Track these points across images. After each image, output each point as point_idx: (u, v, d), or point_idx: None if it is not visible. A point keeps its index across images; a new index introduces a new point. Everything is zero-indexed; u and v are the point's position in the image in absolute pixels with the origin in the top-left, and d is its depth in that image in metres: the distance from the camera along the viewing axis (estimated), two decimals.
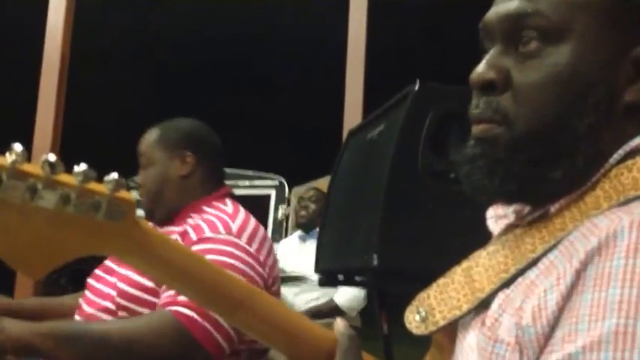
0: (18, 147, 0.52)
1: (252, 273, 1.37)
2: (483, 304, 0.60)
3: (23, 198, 0.53)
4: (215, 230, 1.40)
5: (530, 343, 0.52)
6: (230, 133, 5.92)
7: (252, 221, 1.49)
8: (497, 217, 0.72)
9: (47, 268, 0.57)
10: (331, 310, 3.33)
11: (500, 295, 0.58)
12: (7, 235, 0.54)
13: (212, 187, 1.57)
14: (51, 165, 0.53)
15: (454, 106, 1.38)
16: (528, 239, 0.60)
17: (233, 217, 1.46)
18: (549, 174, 0.61)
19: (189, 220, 1.46)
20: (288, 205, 5.01)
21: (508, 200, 0.68)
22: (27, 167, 0.53)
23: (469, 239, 0.85)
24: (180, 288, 0.69)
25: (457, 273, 0.65)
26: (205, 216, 1.45)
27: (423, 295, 0.66)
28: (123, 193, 0.58)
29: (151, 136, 1.57)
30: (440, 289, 0.65)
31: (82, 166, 0.55)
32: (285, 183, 5.17)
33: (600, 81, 0.60)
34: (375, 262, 1.40)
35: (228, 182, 1.68)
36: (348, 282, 1.89)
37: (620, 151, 0.60)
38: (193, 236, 1.39)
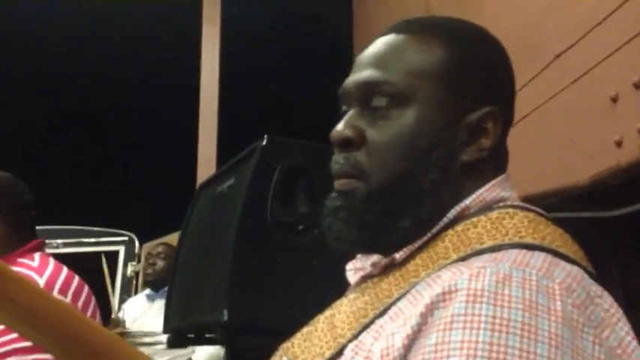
0: None
1: None
2: (343, 350, 0.62)
3: None
4: None
5: None
6: (76, 188, 5.62)
7: (64, 273, 1.40)
8: (356, 269, 0.75)
9: None
10: None
11: (354, 341, 0.61)
12: None
13: (16, 243, 1.46)
14: None
15: (301, 160, 1.42)
16: (385, 286, 0.64)
17: (40, 271, 1.36)
18: (399, 223, 0.67)
19: None
20: (139, 261, 4.80)
21: (365, 249, 0.72)
22: None
23: (318, 289, 0.86)
24: (34, 335, 0.63)
25: (320, 321, 0.67)
26: None
27: (287, 344, 0.67)
28: None
29: None
30: (304, 337, 0.67)
31: None
32: (136, 239, 4.97)
33: (441, 142, 0.67)
34: (225, 317, 1.37)
35: (72, 240, 1.58)
36: (199, 340, 1.84)
37: (453, 211, 0.66)
38: None
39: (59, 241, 4.81)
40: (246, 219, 1.41)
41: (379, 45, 0.72)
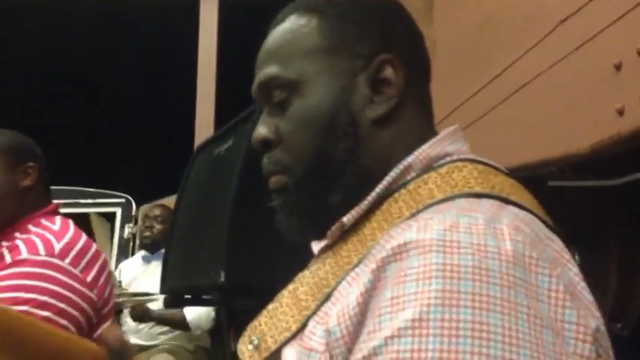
0: None
1: (72, 295, 1.29)
2: (308, 322, 0.62)
3: None
4: (34, 252, 1.30)
5: (337, 344, 0.55)
6: (73, 149, 5.60)
7: (82, 240, 1.40)
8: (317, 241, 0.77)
9: None
10: (178, 322, 3.21)
11: (318, 312, 0.61)
12: None
13: (42, 202, 1.47)
14: None
15: None
16: (344, 253, 0.64)
17: (59, 235, 1.36)
18: (329, 200, 0.69)
19: (16, 241, 1.35)
20: (136, 223, 4.81)
21: (313, 234, 0.72)
22: None
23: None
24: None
25: (285, 296, 0.67)
26: (29, 235, 1.35)
27: (254, 323, 0.67)
28: None
29: None
30: (270, 314, 0.66)
31: None
32: (133, 201, 4.97)
33: (339, 109, 0.68)
34: (222, 279, 1.38)
35: (69, 200, 1.57)
36: (195, 301, 1.85)
37: (396, 169, 0.67)
38: (8, 258, 1.29)
39: (56, 201, 4.80)
40: (244, 182, 1.41)
41: (269, 39, 0.74)
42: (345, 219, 0.67)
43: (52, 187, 1.53)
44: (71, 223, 1.46)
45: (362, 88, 0.69)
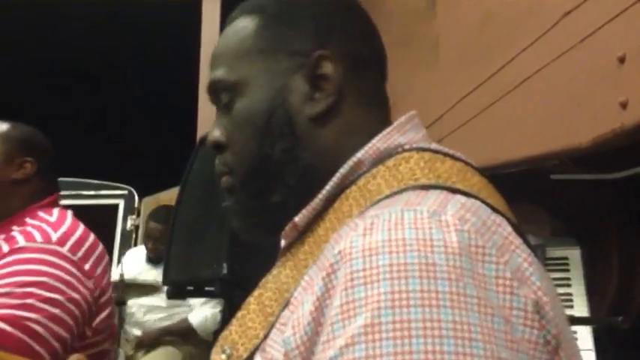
0: None
1: (72, 280, 1.29)
2: (272, 328, 0.61)
3: None
4: (31, 239, 1.31)
5: (292, 354, 0.54)
6: (76, 141, 5.61)
7: (80, 229, 1.40)
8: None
9: None
10: (185, 330, 3.23)
11: (279, 319, 0.60)
12: None
13: (42, 194, 1.47)
14: None
15: None
16: (302, 255, 0.63)
17: (56, 226, 1.36)
18: (271, 200, 0.69)
19: (12, 232, 1.36)
20: (138, 215, 4.82)
21: (263, 234, 0.73)
22: None
23: None
24: None
25: (251, 302, 0.66)
26: (25, 227, 1.35)
27: (225, 332, 0.66)
28: None
29: None
30: (239, 322, 0.65)
31: None
32: (135, 193, 4.98)
33: (276, 108, 0.68)
34: (224, 271, 1.38)
35: (71, 192, 1.57)
36: (198, 293, 1.86)
37: (346, 166, 0.66)
38: (5, 248, 1.29)
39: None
40: None
41: (218, 42, 0.75)
42: (296, 219, 0.66)
43: None
44: (69, 214, 1.45)
45: (301, 86, 0.68)
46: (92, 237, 1.41)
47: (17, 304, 1.19)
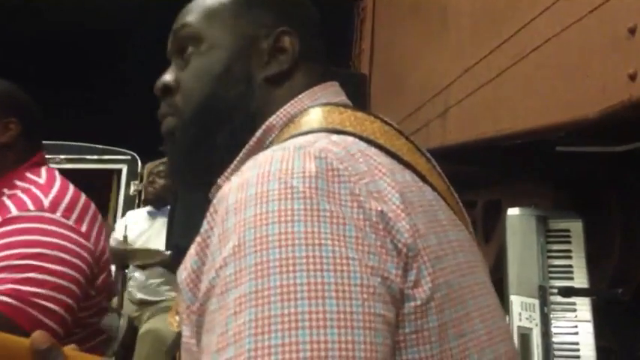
0: None
1: (72, 246, 1.26)
2: None
3: None
4: (23, 208, 1.27)
5: (184, 292, 0.58)
6: (79, 106, 5.59)
7: (71, 190, 1.35)
8: None
9: None
10: None
11: None
12: None
13: (27, 154, 1.41)
14: None
15: None
16: None
17: (46, 189, 1.32)
18: (215, 139, 0.75)
19: (3, 197, 1.32)
20: (141, 181, 4.83)
21: (200, 177, 0.77)
22: None
23: None
24: None
25: None
26: (16, 192, 1.31)
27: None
28: None
29: None
30: None
31: None
32: (138, 158, 4.99)
33: (236, 61, 0.76)
34: None
35: (75, 156, 1.53)
36: None
37: (260, 130, 0.73)
38: None
39: (62, 156, 4.82)
40: None
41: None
42: (219, 180, 0.73)
43: (60, 143, 1.51)
44: (57, 173, 1.41)
45: (261, 52, 0.77)
46: (83, 197, 1.37)
47: (20, 279, 1.16)
